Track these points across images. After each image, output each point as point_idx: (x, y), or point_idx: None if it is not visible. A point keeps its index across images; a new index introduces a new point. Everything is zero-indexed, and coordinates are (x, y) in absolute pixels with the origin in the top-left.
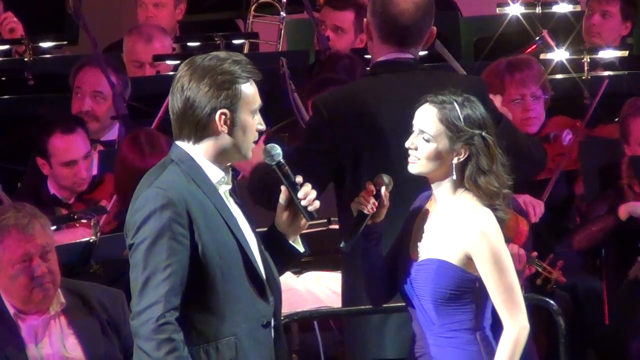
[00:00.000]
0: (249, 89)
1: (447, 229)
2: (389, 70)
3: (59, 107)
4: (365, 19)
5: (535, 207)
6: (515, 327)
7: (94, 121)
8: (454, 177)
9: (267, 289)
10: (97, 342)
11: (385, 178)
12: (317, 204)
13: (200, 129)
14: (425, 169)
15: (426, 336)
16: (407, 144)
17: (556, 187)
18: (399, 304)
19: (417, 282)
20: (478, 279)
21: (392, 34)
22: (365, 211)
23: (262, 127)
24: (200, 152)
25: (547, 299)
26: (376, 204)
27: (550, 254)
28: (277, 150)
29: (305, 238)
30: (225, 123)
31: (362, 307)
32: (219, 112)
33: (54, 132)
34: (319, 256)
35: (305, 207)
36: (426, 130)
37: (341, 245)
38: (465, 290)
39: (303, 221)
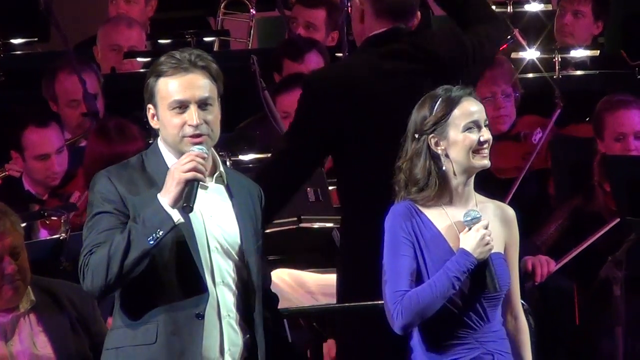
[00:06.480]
0: (166, 84)
1: (490, 223)
2: (379, 44)
3: (30, 104)
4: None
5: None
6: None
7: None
8: None
9: (207, 281)
10: (66, 340)
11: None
12: None
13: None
14: None
15: (472, 338)
16: (485, 139)
17: (526, 186)
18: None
19: (477, 282)
20: None
21: (388, 8)
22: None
23: (192, 122)
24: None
25: None
26: None
27: None
28: None
29: (276, 236)
30: (152, 118)
31: (335, 304)
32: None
33: (27, 125)
34: (289, 255)
35: None
36: (487, 121)
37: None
38: None
39: None
